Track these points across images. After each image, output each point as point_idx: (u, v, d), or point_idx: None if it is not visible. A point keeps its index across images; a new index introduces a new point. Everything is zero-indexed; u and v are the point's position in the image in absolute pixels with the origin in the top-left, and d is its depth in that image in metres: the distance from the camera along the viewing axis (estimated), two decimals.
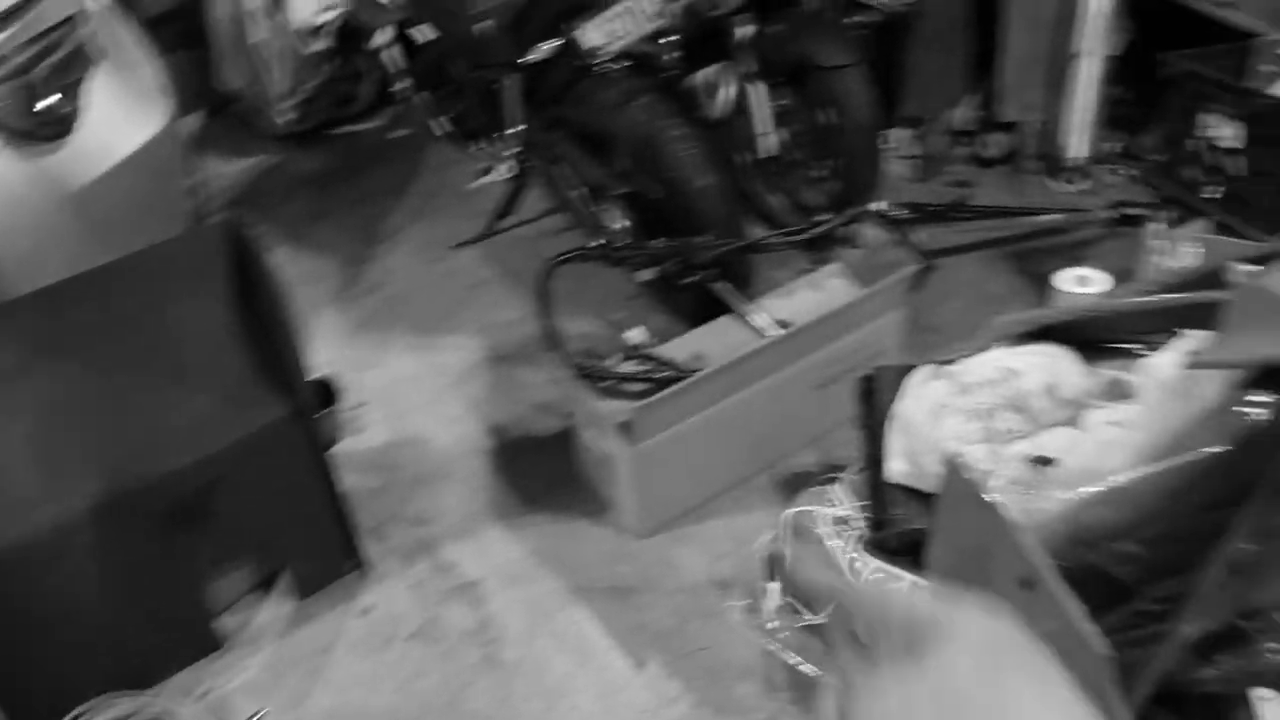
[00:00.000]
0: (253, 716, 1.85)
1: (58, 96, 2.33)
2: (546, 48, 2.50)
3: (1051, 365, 1.57)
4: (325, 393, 2.41)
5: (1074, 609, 1.00)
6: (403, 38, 3.15)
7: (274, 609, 2.07)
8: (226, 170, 3.66)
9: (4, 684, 1.80)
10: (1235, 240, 1.95)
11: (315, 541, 2.08)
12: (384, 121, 3.91)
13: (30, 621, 1.79)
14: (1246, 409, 1.10)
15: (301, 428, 1.95)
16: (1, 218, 2.19)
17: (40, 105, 2.29)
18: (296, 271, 3.05)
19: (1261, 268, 1.35)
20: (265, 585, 2.11)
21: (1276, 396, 1.09)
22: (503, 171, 2.94)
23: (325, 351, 2.72)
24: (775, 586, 1.80)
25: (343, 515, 2.07)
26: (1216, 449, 1.09)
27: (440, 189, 3.41)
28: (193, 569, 1.96)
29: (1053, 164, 3.07)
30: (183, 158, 2.83)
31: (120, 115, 2.47)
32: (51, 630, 1.82)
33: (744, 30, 2.69)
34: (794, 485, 2.14)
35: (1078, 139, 2.99)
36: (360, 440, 2.44)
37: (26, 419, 1.87)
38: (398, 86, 3.27)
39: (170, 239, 2.39)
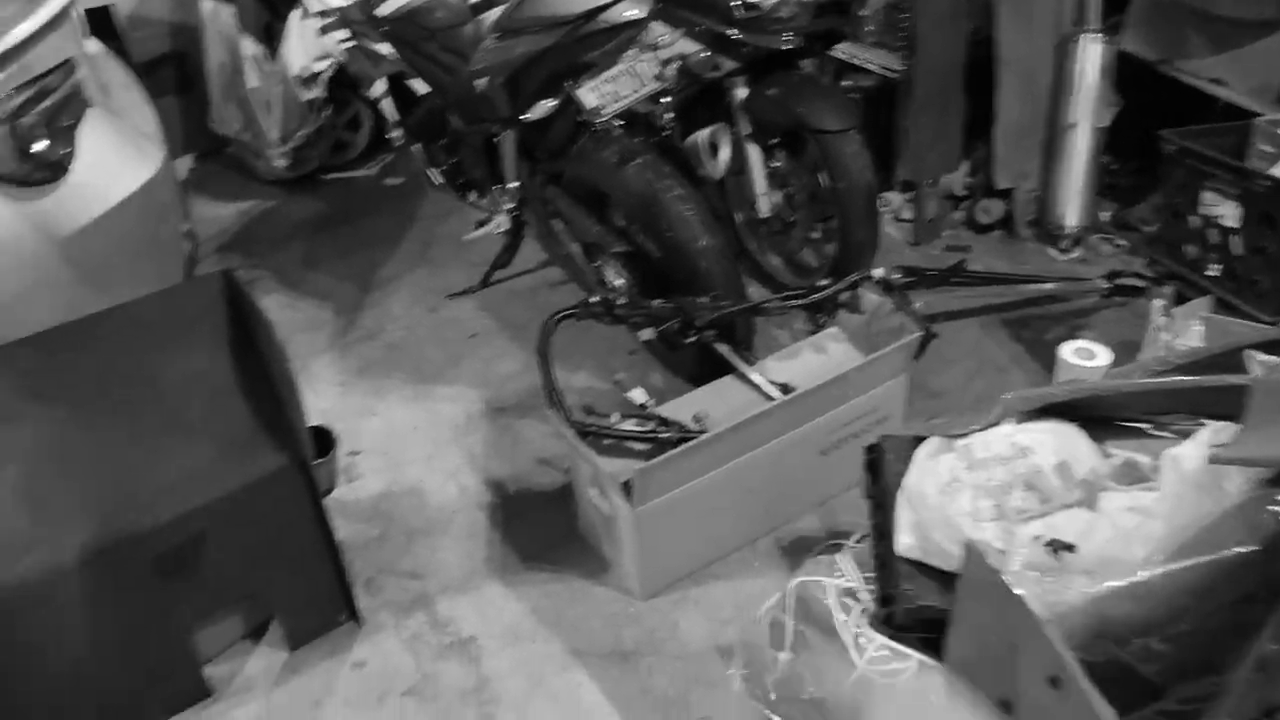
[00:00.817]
0: None
1: (50, 141, 2.32)
2: (545, 106, 2.51)
3: (1063, 443, 1.57)
4: (322, 440, 2.38)
5: (1105, 711, 1.00)
6: (399, 88, 3.17)
7: (265, 659, 2.03)
8: (220, 214, 3.66)
9: None
10: (1240, 321, 1.97)
11: (308, 592, 2.04)
12: (379, 168, 3.93)
13: (16, 666, 1.76)
14: (1276, 508, 1.10)
15: (299, 477, 1.93)
16: None
17: (33, 149, 2.28)
18: (293, 317, 3.04)
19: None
20: (256, 634, 2.07)
21: None
22: (499, 224, 2.95)
23: (322, 399, 2.70)
24: (781, 656, 1.78)
25: (337, 566, 2.04)
26: (1245, 548, 1.10)
27: (436, 238, 3.41)
28: (183, 617, 1.92)
29: (1048, 231, 3.11)
30: (177, 202, 2.82)
31: (114, 160, 2.46)
32: (37, 675, 1.79)
33: (740, 92, 2.73)
34: (797, 551, 2.13)
35: (1072, 207, 3.04)
36: (355, 489, 2.41)
37: (17, 464, 1.84)
38: (393, 135, 3.28)
39: (167, 288, 2.38)
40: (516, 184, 2.74)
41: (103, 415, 1.96)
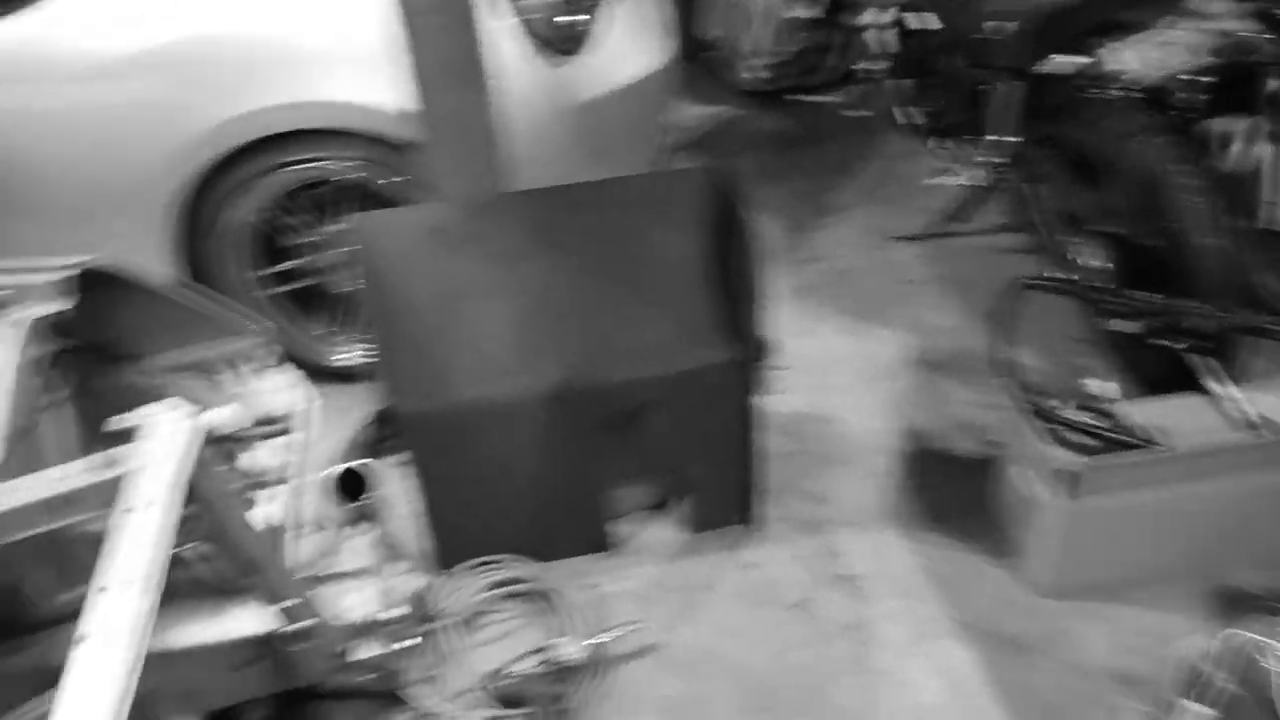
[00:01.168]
0: (628, 625, 1.94)
1: (581, 15, 2.51)
2: (1064, 61, 2.36)
3: None
4: (759, 347, 2.47)
5: None
6: (896, 20, 3.11)
7: (664, 533, 2.18)
8: (690, 114, 3.83)
9: (441, 517, 2.05)
10: None
11: (719, 484, 2.15)
12: (842, 98, 3.93)
13: (473, 471, 2.02)
14: None
15: (741, 375, 2.03)
16: (520, 115, 2.41)
17: (561, 19, 2.48)
18: None
19: None
20: (659, 508, 2.22)
21: None
22: (964, 175, 2.85)
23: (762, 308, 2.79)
24: (1196, 708, 1.63)
25: (750, 468, 2.13)
26: None
27: (890, 177, 3.38)
28: (607, 473, 2.11)
29: None
30: (668, 95, 2.98)
31: (629, 45, 2.63)
32: (486, 484, 2.04)
33: None
34: (1230, 603, 1.93)
35: None
36: (776, 402, 2.47)
37: (518, 298, 2.06)
38: (868, 67, 3.24)
39: (657, 172, 2.54)
40: (1010, 139, 2.62)
41: (587, 273, 2.14)
